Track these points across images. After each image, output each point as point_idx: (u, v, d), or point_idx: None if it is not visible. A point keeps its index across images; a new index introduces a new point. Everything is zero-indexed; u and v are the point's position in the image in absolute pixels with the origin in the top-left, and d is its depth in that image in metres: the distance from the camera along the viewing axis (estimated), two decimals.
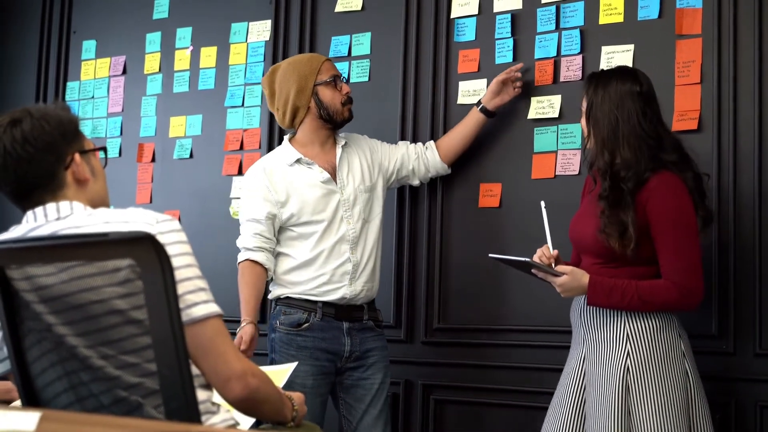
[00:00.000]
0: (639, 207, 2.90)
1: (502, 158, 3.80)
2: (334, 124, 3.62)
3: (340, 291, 3.49)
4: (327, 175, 3.56)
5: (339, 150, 3.61)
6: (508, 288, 3.75)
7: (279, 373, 2.35)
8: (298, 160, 3.57)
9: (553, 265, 3.01)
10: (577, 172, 3.61)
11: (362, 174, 3.62)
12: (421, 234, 3.94)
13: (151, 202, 4.59)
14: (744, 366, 3.29)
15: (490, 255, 3.17)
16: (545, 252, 3.05)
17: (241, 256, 3.50)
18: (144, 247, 1.81)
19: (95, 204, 2.12)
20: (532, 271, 2.99)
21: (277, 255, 3.55)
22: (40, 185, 2.06)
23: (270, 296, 3.59)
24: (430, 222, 3.93)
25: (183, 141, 4.59)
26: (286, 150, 3.62)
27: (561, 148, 3.67)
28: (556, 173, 3.67)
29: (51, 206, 2.06)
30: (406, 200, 3.98)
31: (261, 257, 3.48)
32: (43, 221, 2.05)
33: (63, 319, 1.93)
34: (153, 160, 4.66)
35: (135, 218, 1.99)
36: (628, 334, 2.91)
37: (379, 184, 3.67)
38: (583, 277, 2.92)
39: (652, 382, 2.86)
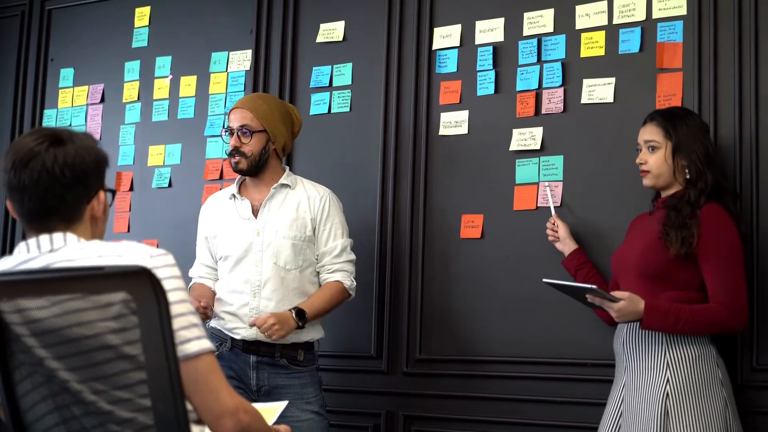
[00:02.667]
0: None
1: (484, 189, 3.82)
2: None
3: (240, 332, 3.51)
4: (250, 213, 3.59)
5: (271, 191, 3.60)
6: (490, 319, 3.75)
7: (269, 411, 2.34)
8: (234, 195, 3.64)
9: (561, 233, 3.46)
10: (558, 204, 3.63)
11: (293, 221, 3.55)
12: (403, 264, 3.94)
13: (128, 231, 4.57)
14: None
15: (545, 280, 3.19)
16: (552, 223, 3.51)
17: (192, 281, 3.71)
18: (140, 281, 1.79)
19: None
20: (587, 297, 3.06)
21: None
22: (61, 213, 2.05)
23: None
24: (411, 252, 3.93)
25: (162, 170, 4.57)
26: (232, 186, 3.70)
27: (543, 180, 3.68)
28: (538, 205, 3.69)
29: (44, 238, 2.04)
30: (388, 230, 3.98)
31: (208, 284, 3.67)
32: (36, 253, 2.03)
33: (55, 353, 1.91)
34: (131, 188, 4.63)
35: (129, 252, 1.98)
36: (668, 361, 3.03)
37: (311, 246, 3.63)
38: (639, 303, 3.00)
39: (692, 407, 2.97)
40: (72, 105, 4.90)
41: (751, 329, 3.29)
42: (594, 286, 3.01)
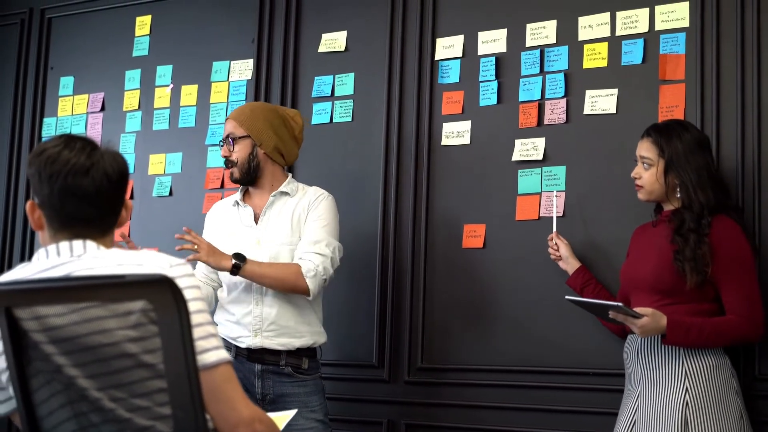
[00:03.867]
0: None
1: (487, 199, 3.83)
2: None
3: (245, 341, 3.50)
4: (251, 221, 3.60)
5: (270, 198, 3.60)
6: (492, 328, 3.77)
7: (279, 420, 2.36)
8: (236, 202, 3.65)
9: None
10: (561, 214, 3.65)
11: (291, 228, 3.55)
12: (405, 273, 3.95)
13: None
14: None
15: (567, 297, 3.22)
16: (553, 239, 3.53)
17: None
18: (161, 290, 1.80)
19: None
20: (610, 314, 3.07)
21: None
22: (104, 219, 2.09)
23: None
24: (413, 261, 3.95)
25: (162, 179, 4.58)
26: (237, 193, 3.70)
27: (545, 190, 3.71)
28: (540, 215, 3.70)
29: (64, 245, 2.05)
30: (390, 239, 4.00)
31: (205, 289, 3.62)
32: (56, 261, 2.04)
33: (73, 360, 1.91)
34: (131, 197, 4.64)
35: (149, 261, 1.99)
36: (686, 371, 3.06)
37: None
38: (662, 319, 3.03)
39: (711, 416, 3.01)
40: (72, 113, 4.91)
41: None
42: (620, 304, 3.04)
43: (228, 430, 2.01)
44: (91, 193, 2.03)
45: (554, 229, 3.54)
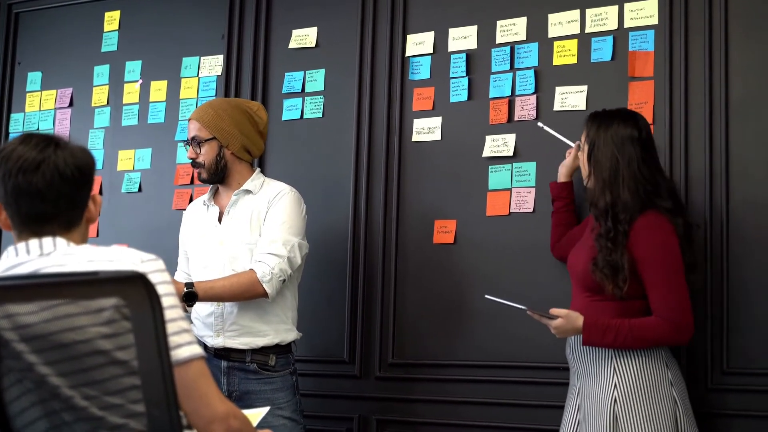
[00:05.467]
0: (629, 246, 3.02)
1: (457, 195, 3.85)
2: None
3: (209, 340, 3.50)
4: (216, 221, 3.59)
5: (233, 197, 3.58)
6: (463, 324, 3.78)
7: (253, 416, 2.36)
8: (204, 202, 3.65)
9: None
10: (531, 210, 3.67)
11: (249, 227, 3.53)
12: (376, 269, 3.96)
13: (97, 236, 4.54)
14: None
15: (487, 296, 3.26)
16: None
17: None
18: (134, 286, 1.79)
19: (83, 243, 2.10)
20: (527, 314, 3.10)
21: None
22: (66, 216, 2.05)
23: None
24: (384, 257, 3.95)
25: (132, 175, 4.55)
26: (209, 190, 3.68)
27: (515, 186, 3.72)
28: (511, 211, 3.72)
29: (34, 242, 2.03)
30: (361, 235, 4.00)
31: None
32: (25, 257, 2.02)
33: (45, 358, 1.90)
34: (100, 193, 4.61)
35: (120, 257, 1.98)
36: (614, 367, 3.03)
37: None
38: (578, 320, 3.01)
39: (640, 411, 2.97)
40: (40, 109, 4.87)
41: (721, 334, 3.35)
42: (525, 307, 3.06)
43: (202, 425, 2.00)
44: (42, 189, 2.01)
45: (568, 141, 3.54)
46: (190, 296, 3.28)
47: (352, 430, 3.92)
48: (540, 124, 3.20)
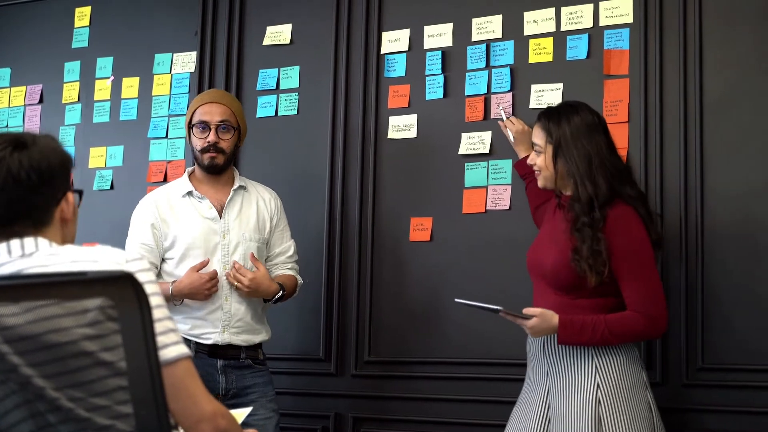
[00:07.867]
0: (606, 234, 2.96)
1: (433, 193, 3.85)
2: (201, 167, 3.58)
3: (212, 337, 3.45)
4: (215, 213, 3.52)
5: (231, 192, 3.56)
6: (438, 321, 3.79)
7: (238, 415, 2.36)
8: (189, 193, 3.55)
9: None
10: (507, 207, 3.68)
11: (256, 223, 3.55)
12: (352, 267, 3.96)
13: None
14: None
15: (456, 300, 3.17)
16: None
17: None
18: (123, 286, 1.78)
19: (66, 243, 2.07)
20: (500, 315, 3.03)
21: None
22: (29, 217, 2.01)
23: None
24: (360, 255, 3.95)
25: (103, 172, 4.51)
26: (182, 182, 3.60)
27: (491, 184, 3.74)
28: (487, 208, 3.73)
29: (15, 243, 2.00)
30: (336, 233, 3.99)
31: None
32: (6, 258, 1.99)
33: (29, 360, 1.87)
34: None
35: (104, 257, 1.96)
36: (596, 367, 2.97)
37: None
38: (553, 318, 2.96)
39: (623, 412, 2.93)
40: (9, 105, 4.81)
41: (696, 330, 3.38)
42: (500, 308, 2.98)
43: (190, 425, 1.99)
44: None
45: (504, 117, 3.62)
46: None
47: (328, 428, 3.92)
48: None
